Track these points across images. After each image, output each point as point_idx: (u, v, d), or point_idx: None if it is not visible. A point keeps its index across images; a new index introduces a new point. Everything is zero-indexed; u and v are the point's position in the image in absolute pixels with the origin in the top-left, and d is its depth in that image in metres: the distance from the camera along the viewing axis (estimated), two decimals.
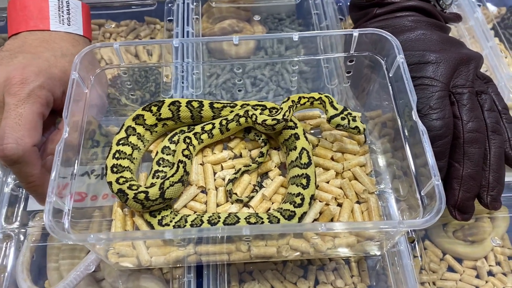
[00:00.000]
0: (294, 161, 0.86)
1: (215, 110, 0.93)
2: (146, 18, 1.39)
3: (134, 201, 0.81)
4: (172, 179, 0.83)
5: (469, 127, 0.87)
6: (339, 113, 0.86)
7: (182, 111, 0.92)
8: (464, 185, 0.86)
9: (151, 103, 0.92)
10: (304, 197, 0.82)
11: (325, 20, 1.23)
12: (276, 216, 0.80)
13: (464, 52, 0.94)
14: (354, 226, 0.70)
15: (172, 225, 0.82)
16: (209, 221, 0.81)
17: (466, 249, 0.98)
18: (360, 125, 0.85)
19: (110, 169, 0.85)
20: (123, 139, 0.89)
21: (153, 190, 0.81)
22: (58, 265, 0.96)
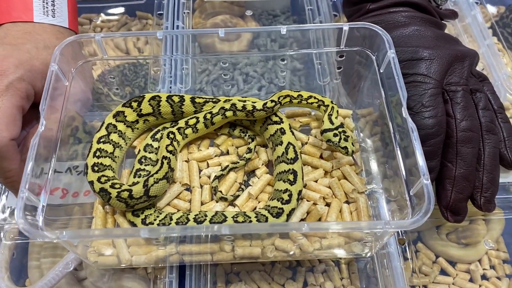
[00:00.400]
0: (280, 157, 0.84)
1: (197, 105, 0.90)
2: (137, 13, 1.37)
3: (118, 200, 0.78)
4: (157, 176, 0.81)
5: (463, 126, 0.84)
6: (334, 128, 0.83)
7: (163, 106, 0.89)
8: (457, 186, 0.83)
9: (131, 99, 0.89)
10: (291, 193, 0.80)
11: (319, 16, 1.21)
12: (263, 215, 0.78)
13: (458, 48, 0.91)
14: (340, 226, 0.67)
15: (157, 223, 0.79)
16: (195, 219, 0.79)
17: (459, 252, 0.96)
18: (350, 146, 0.81)
19: (91, 168, 0.82)
20: (104, 137, 0.86)
21: (137, 188, 0.79)
22: (39, 263, 0.93)
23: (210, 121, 0.87)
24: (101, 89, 1.07)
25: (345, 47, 0.91)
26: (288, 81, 1.19)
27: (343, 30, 0.87)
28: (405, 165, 0.77)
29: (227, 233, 0.64)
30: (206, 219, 0.78)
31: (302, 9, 1.30)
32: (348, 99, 1.02)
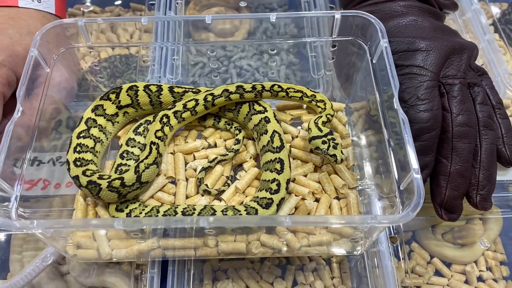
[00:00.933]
0: (266, 146, 0.81)
1: (176, 95, 0.86)
2: (131, 5, 1.34)
3: (109, 191, 0.74)
4: (146, 161, 0.78)
5: (459, 120, 0.81)
6: (322, 135, 0.79)
7: (140, 96, 0.86)
8: (452, 183, 0.80)
9: (109, 91, 0.86)
10: (279, 183, 0.77)
11: (315, 8, 1.17)
12: (253, 207, 0.75)
13: (457, 40, 0.88)
14: (322, 220, 0.64)
15: (143, 217, 0.76)
16: (183, 213, 0.76)
17: (455, 253, 0.93)
18: (339, 154, 0.77)
19: (73, 163, 0.78)
20: (84, 132, 0.82)
21: (129, 175, 0.75)
22: (21, 256, 0.91)
23: (212, 103, 0.84)
24: (91, 81, 1.04)
25: (338, 36, 0.88)
26: (283, 75, 1.16)
27: (335, 19, 0.84)
28: (397, 160, 0.74)
29: (206, 225, 0.61)
30: (195, 213, 0.75)
31: (299, 2, 1.27)
32: (341, 92, 0.98)
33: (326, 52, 1.03)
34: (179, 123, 0.85)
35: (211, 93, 0.85)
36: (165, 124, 0.82)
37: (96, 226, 0.70)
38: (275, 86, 0.86)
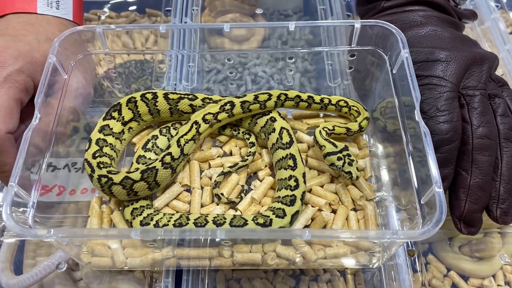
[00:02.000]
0: (275, 144, 0.81)
1: (171, 102, 0.85)
2: (147, 10, 1.34)
3: (164, 168, 0.77)
4: (186, 137, 0.80)
5: (479, 132, 0.80)
6: (337, 151, 0.79)
7: (140, 106, 0.85)
8: (472, 196, 0.79)
9: (109, 109, 0.84)
10: (297, 178, 0.77)
11: (331, 16, 1.17)
12: (279, 208, 0.75)
13: (477, 51, 0.87)
14: (344, 235, 0.63)
15: (153, 224, 0.76)
16: (195, 222, 0.74)
17: (472, 266, 0.91)
18: (355, 171, 0.77)
19: (102, 178, 0.76)
20: (98, 152, 0.81)
21: (173, 149, 0.79)
22: (34, 261, 0.91)
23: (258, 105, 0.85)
24: (106, 86, 1.04)
25: (357, 46, 0.87)
26: (298, 82, 1.16)
27: (355, 28, 0.83)
28: (417, 172, 0.73)
29: (224, 237, 0.60)
30: (208, 223, 0.74)
31: (314, 9, 1.27)
32: (359, 101, 0.97)
33: (343, 60, 1.03)
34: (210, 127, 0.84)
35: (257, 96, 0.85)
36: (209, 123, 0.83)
37: (113, 236, 0.69)
38: (341, 101, 0.88)
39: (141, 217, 0.76)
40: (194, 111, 0.86)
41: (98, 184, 0.76)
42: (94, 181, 0.76)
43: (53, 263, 0.84)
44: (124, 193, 0.76)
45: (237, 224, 0.73)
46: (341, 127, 0.85)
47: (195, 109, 0.86)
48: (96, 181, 0.76)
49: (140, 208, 0.78)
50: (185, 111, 0.87)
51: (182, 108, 0.86)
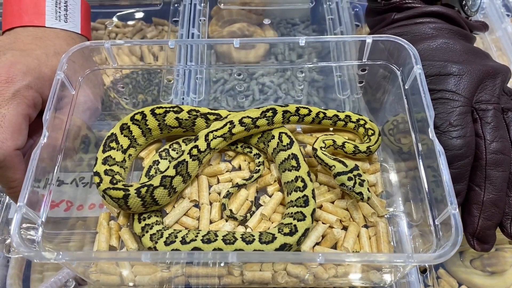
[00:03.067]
0: (276, 148, 0.82)
1: (159, 117, 0.84)
2: (153, 19, 1.34)
3: (193, 160, 0.78)
4: (216, 133, 0.81)
5: (493, 147, 0.78)
6: (348, 171, 0.77)
7: (133, 129, 0.84)
8: (485, 212, 0.78)
9: (106, 140, 0.81)
10: (303, 178, 0.78)
11: (340, 26, 1.16)
12: (298, 212, 0.74)
13: (490, 64, 0.85)
14: (358, 258, 0.61)
15: (163, 241, 0.75)
16: (203, 240, 0.73)
17: (484, 281, 0.90)
18: (366, 192, 0.75)
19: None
20: (109, 171, 0.79)
21: (200, 142, 0.80)
22: (42, 276, 0.90)
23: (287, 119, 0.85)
24: (112, 97, 1.03)
25: (368, 60, 0.86)
26: (306, 92, 1.15)
27: (366, 43, 0.82)
28: (430, 189, 0.72)
29: (235, 261, 0.59)
30: (217, 239, 0.73)
31: (322, 18, 1.26)
32: (369, 115, 0.96)
33: (352, 72, 1.01)
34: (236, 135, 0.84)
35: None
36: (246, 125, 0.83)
37: (124, 259, 0.69)
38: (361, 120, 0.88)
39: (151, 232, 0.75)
40: (180, 124, 0.85)
41: (136, 197, 0.74)
42: (132, 196, 0.74)
43: (60, 279, 0.83)
44: (166, 194, 0.77)
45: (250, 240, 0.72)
46: (350, 143, 0.84)
47: (182, 122, 0.85)
48: (134, 195, 0.74)
49: (150, 224, 0.77)
50: (172, 126, 0.85)
51: (169, 123, 0.85)
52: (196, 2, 1.21)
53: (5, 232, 0.91)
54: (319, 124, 0.87)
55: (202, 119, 0.85)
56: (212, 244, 0.71)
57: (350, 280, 0.77)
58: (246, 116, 0.83)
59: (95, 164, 0.78)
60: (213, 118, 0.85)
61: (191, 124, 0.85)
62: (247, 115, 0.83)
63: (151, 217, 0.77)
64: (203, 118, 0.85)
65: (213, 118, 0.85)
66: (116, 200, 0.74)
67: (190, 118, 0.85)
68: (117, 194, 0.74)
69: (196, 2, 1.21)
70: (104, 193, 0.75)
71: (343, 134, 0.90)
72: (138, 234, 0.76)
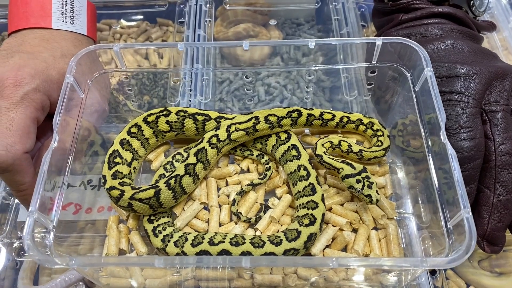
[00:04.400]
0: (275, 144, 0.84)
1: (152, 125, 0.85)
2: (158, 20, 1.33)
3: (211, 148, 0.80)
4: (239, 125, 0.82)
5: (503, 149, 0.78)
6: (356, 173, 0.77)
7: (132, 142, 0.84)
8: (495, 214, 0.77)
9: (109, 158, 0.80)
10: (305, 166, 0.80)
11: (346, 26, 1.15)
12: (304, 214, 0.74)
13: (498, 65, 0.85)
14: (369, 263, 0.61)
15: (161, 238, 0.75)
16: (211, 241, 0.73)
17: (492, 282, 0.90)
18: (375, 194, 0.74)
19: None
20: (123, 183, 0.79)
21: (221, 131, 0.81)
22: (50, 279, 0.90)
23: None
24: (120, 99, 1.03)
25: (378, 62, 0.86)
26: (312, 93, 1.14)
27: (376, 45, 0.82)
28: (441, 190, 0.72)
29: (248, 265, 0.59)
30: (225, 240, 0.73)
31: (327, 18, 1.25)
32: (378, 116, 0.96)
33: (360, 73, 1.01)
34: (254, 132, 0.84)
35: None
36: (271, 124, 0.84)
37: (136, 264, 0.69)
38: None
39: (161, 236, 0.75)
40: (171, 128, 0.85)
41: (167, 190, 0.75)
42: (163, 190, 0.75)
43: (70, 278, 0.83)
44: (191, 181, 0.78)
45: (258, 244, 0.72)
46: (345, 142, 0.85)
47: (172, 125, 0.85)
48: (165, 189, 0.75)
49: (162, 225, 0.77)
50: (165, 131, 0.86)
51: (162, 128, 0.85)
52: (202, 3, 1.21)
53: (14, 235, 0.91)
54: (343, 128, 0.88)
55: (190, 120, 0.85)
56: (240, 247, 0.71)
57: (359, 282, 0.77)
58: (272, 114, 0.83)
59: (104, 182, 0.77)
60: (202, 118, 0.85)
61: (181, 126, 0.85)
62: (273, 113, 0.83)
63: (166, 228, 0.76)
64: (192, 119, 0.85)
65: (201, 118, 0.85)
66: (147, 200, 0.74)
67: (179, 120, 0.85)
68: (148, 193, 0.74)
69: (201, 3, 1.21)
70: (132, 199, 0.74)
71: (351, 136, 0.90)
72: (160, 247, 0.74)
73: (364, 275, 0.73)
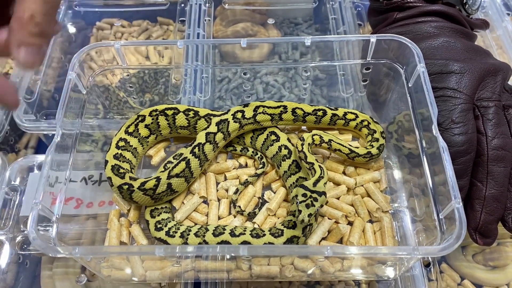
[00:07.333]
0: (254, 134, 0.88)
1: (151, 126, 0.88)
2: (158, 19, 1.35)
3: (234, 122, 0.83)
4: (267, 110, 0.84)
5: (494, 144, 0.80)
6: (310, 190, 0.73)
7: (133, 142, 0.86)
8: (487, 207, 0.79)
9: (110, 179, 0.80)
10: (285, 145, 0.84)
11: (343, 25, 1.18)
12: (280, 229, 0.75)
13: (491, 62, 0.87)
14: (364, 251, 0.63)
15: (165, 230, 0.77)
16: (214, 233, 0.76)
17: (486, 275, 0.92)
18: (304, 215, 0.69)
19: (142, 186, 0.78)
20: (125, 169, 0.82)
21: (248, 110, 0.84)
22: (52, 273, 0.92)
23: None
24: (121, 96, 1.05)
25: (372, 59, 0.88)
26: (309, 91, 1.16)
27: (370, 42, 0.84)
28: (434, 185, 0.74)
29: (246, 254, 0.61)
30: (225, 232, 0.75)
31: (325, 18, 1.27)
32: (373, 112, 0.98)
33: (356, 70, 1.03)
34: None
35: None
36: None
37: (138, 253, 0.71)
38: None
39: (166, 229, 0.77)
40: (150, 131, 0.88)
41: (194, 158, 0.79)
42: (191, 159, 0.79)
43: None
44: (211, 149, 0.81)
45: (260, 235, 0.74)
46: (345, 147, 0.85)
47: (150, 128, 0.87)
48: (192, 157, 0.79)
49: (165, 220, 0.79)
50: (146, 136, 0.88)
51: (142, 134, 0.87)
52: (201, 2, 1.23)
53: (16, 230, 0.92)
54: (360, 131, 0.89)
55: (162, 117, 0.87)
56: (240, 238, 0.74)
57: (355, 274, 0.79)
58: (300, 108, 0.86)
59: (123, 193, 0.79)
60: (171, 112, 0.87)
61: (156, 126, 0.88)
62: (301, 108, 0.86)
63: (179, 228, 0.78)
64: (163, 116, 0.87)
65: (171, 112, 0.87)
66: (181, 173, 0.78)
67: (154, 120, 0.87)
68: (180, 167, 0.78)
69: (201, 3, 1.23)
70: (170, 178, 0.77)
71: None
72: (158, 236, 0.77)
73: (359, 267, 0.75)
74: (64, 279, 0.90)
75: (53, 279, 0.91)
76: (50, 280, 0.91)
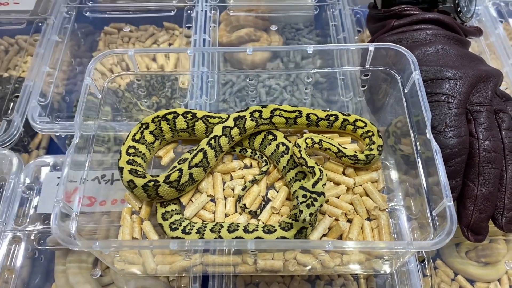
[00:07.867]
0: (251, 137, 0.92)
1: (158, 131, 0.92)
2: (165, 24, 1.40)
3: (251, 120, 0.87)
4: (283, 113, 0.88)
5: (486, 146, 0.85)
6: (310, 190, 0.77)
7: (144, 148, 0.91)
8: (478, 206, 0.84)
9: (133, 169, 0.84)
10: (283, 143, 0.88)
11: (343, 32, 1.22)
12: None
13: (483, 68, 0.92)
14: (362, 245, 0.68)
15: (181, 229, 0.81)
16: (228, 230, 0.80)
17: (478, 271, 0.96)
18: (306, 215, 0.74)
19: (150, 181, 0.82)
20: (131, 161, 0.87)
21: (265, 111, 0.88)
22: (65, 267, 0.96)
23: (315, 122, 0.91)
24: (129, 99, 1.09)
25: (370, 66, 0.93)
26: (310, 94, 1.21)
27: (369, 51, 0.89)
28: (428, 185, 0.78)
29: (254, 247, 0.65)
30: (239, 229, 0.80)
31: (325, 24, 1.32)
32: (371, 116, 1.03)
33: (355, 75, 1.08)
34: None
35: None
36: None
37: (154, 247, 0.75)
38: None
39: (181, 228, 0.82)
40: (155, 137, 0.91)
41: (209, 148, 0.84)
42: (207, 149, 0.84)
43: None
44: (226, 142, 0.86)
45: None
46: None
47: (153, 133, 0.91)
48: (207, 147, 0.84)
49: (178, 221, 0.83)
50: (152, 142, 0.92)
51: (148, 140, 0.91)
52: (207, 9, 1.28)
53: (33, 227, 0.97)
54: (364, 140, 0.93)
55: (164, 122, 0.91)
56: (254, 234, 0.78)
57: (353, 268, 0.84)
58: (314, 114, 0.90)
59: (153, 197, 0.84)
60: (171, 116, 0.91)
61: (160, 131, 0.92)
62: (315, 113, 0.90)
63: (194, 225, 0.82)
64: (165, 120, 0.91)
65: (171, 117, 0.91)
66: (199, 163, 0.84)
67: (157, 126, 0.91)
68: (198, 157, 0.84)
69: (206, 9, 1.27)
70: (190, 169, 0.83)
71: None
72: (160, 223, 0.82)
73: (357, 261, 0.80)
74: (77, 274, 0.94)
75: (66, 273, 0.94)
76: (63, 274, 0.95)
